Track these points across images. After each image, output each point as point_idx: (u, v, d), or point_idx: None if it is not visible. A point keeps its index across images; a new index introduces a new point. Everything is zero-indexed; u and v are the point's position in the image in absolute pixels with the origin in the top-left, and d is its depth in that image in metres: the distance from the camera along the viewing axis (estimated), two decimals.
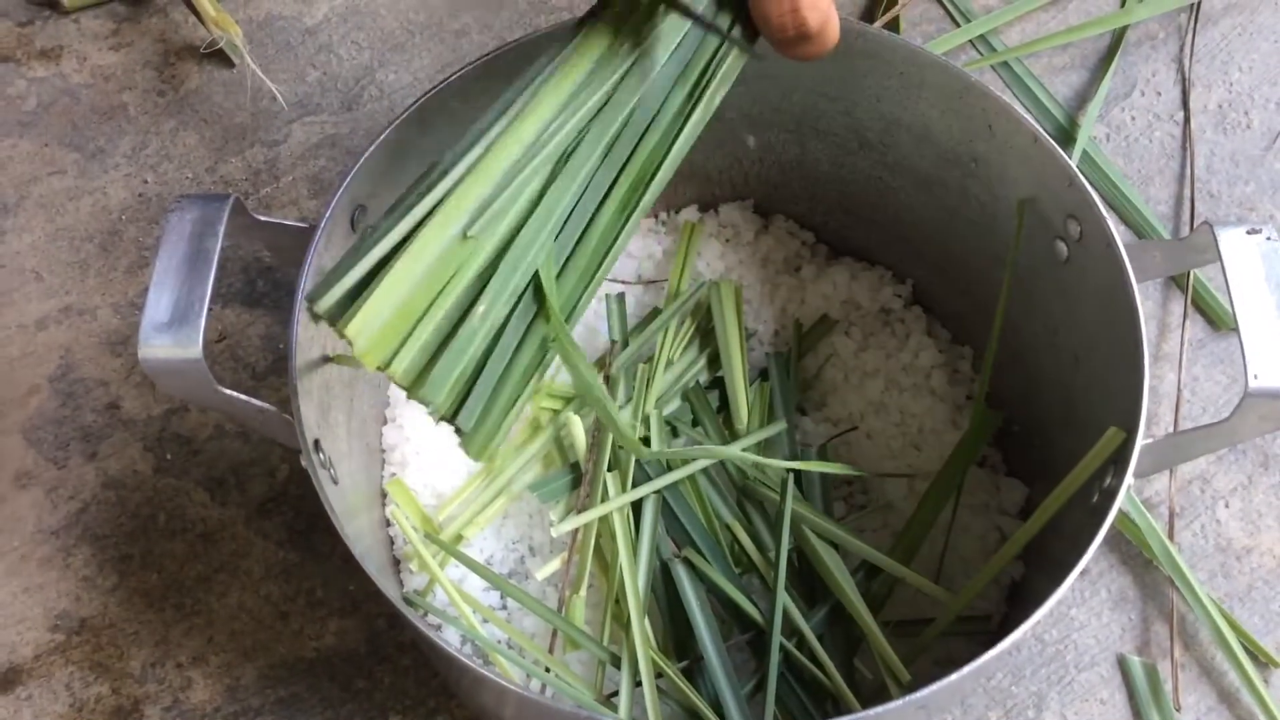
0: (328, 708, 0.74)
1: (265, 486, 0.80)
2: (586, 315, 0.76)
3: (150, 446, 0.81)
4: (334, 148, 0.91)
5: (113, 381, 0.83)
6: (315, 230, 0.65)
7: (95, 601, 0.77)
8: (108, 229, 0.89)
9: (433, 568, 0.68)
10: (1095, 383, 0.68)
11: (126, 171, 0.91)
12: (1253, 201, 0.89)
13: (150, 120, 0.93)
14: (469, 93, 0.71)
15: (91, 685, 0.75)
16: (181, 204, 0.63)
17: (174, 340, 0.59)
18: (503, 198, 0.54)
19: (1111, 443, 0.63)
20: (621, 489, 0.69)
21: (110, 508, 0.80)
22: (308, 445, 0.61)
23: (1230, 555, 0.78)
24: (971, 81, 0.69)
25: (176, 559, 0.78)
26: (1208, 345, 0.84)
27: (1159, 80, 0.94)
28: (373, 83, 0.94)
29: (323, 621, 0.76)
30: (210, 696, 0.74)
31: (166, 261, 0.61)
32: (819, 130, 0.78)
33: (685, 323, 0.78)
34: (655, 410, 0.73)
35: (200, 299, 0.60)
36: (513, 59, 0.71)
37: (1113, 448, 0.63)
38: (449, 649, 0.56)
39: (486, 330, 0.54)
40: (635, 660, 0.65)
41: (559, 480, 0.71)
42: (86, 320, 0.86)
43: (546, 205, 0.55)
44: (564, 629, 0.66)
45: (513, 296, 0.54)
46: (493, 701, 0.63)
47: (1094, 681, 0.75)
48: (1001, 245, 0.74)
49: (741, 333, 0.77)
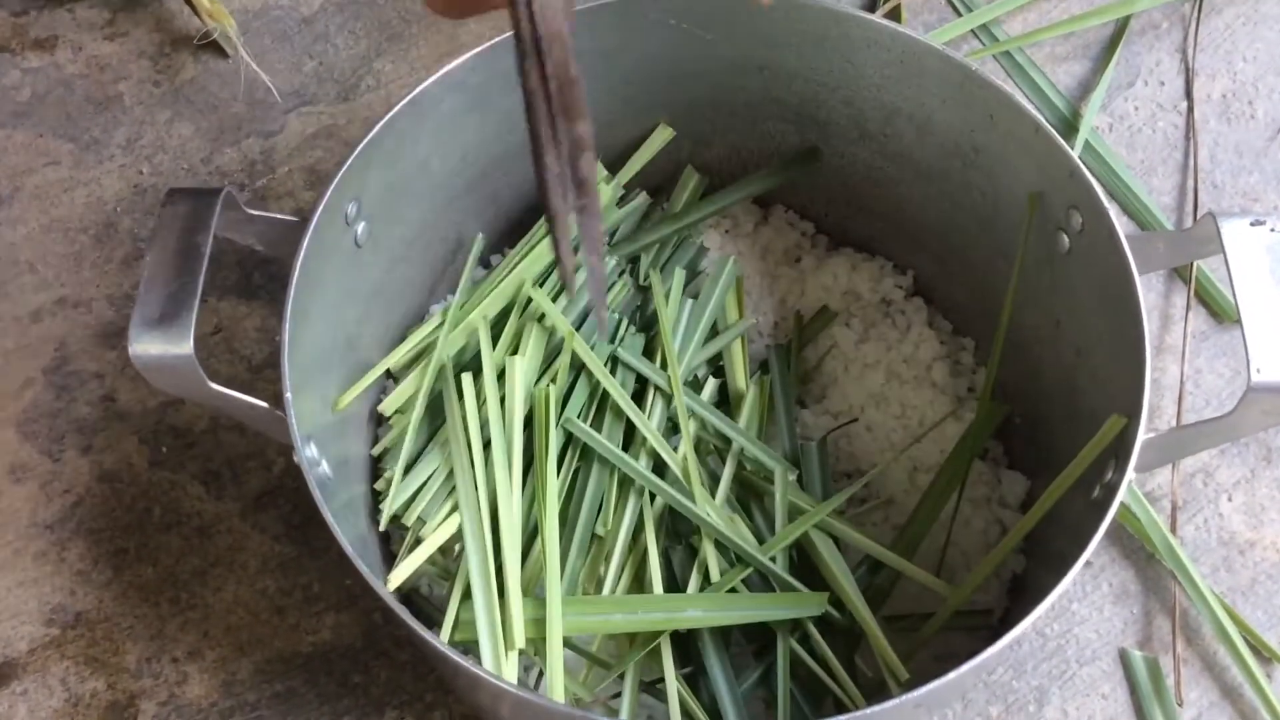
0: (324, 702, 0.74)
1: (261, 480, 0.79)
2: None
3: (145, 439, 0.81)
4: (331, 138, 0.91)
5: (108, 374, 0.83)
6: (307, 224, 0.64)
7: (90, 596, 0.77)
8: (103, 220, 0.88)
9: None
10: (1097, 375, 0.67)
11: (122, 162, 0.90)
12: (1257, 192, 0.88)
13: (145, 111, 0.92)
14: (466, 84, 0.71)
15: (87, 680, 0.74)
16: (173, 198, 0.62)
17: (164, 337, 0.59)
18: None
19: (1112, 429, 0.62)
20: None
21: (105, 501, 0.79)
22: (299, 442, 0.60)
23: (1233, 549, 0.77)
24: (972, 71, 0.69)
25: (172, 553, 0.78)
26: (1211, 337, 0.84)
27: (1162, 70, 0.93)
28: (370, 72, 0.93)
29: (319, 616, 0.76)
30: (206, 691, 0.74)
31: (157, 257, 0.60)
32: (819, 120, 0.77)
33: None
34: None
35: (191, 295, 0.59)
36: (511, 48, 0.71)
37: (1113, 435, 0.62)
38: (443, 648, 0.56)
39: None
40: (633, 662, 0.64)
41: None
42: (81, 312, 0.85)
43: None
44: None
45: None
46: (489, 700, 0.62)
47: (1095, 676, 0.74)
48: (1003, 236, 0.73)
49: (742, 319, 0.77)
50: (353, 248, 0.69)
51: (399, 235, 0.74)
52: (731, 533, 0.68)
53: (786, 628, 0.66)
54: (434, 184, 0.74)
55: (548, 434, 0.68)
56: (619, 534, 0.68)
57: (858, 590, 0.68)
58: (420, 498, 0.68)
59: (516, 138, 0.75)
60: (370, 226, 0.70)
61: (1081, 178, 0.65)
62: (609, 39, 0.73)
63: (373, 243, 0.71)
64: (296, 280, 0.63)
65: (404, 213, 0.73)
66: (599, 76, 0.75)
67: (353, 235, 0.69)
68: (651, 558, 0.67)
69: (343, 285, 0.69)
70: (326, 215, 0.65)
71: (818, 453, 0.74)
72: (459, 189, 0.76)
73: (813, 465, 0.73)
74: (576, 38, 0.45)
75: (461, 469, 0.67)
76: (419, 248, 0.76)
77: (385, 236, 0.72)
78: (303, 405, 0.62)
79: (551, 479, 0.67)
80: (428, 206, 0.75)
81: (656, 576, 0.67)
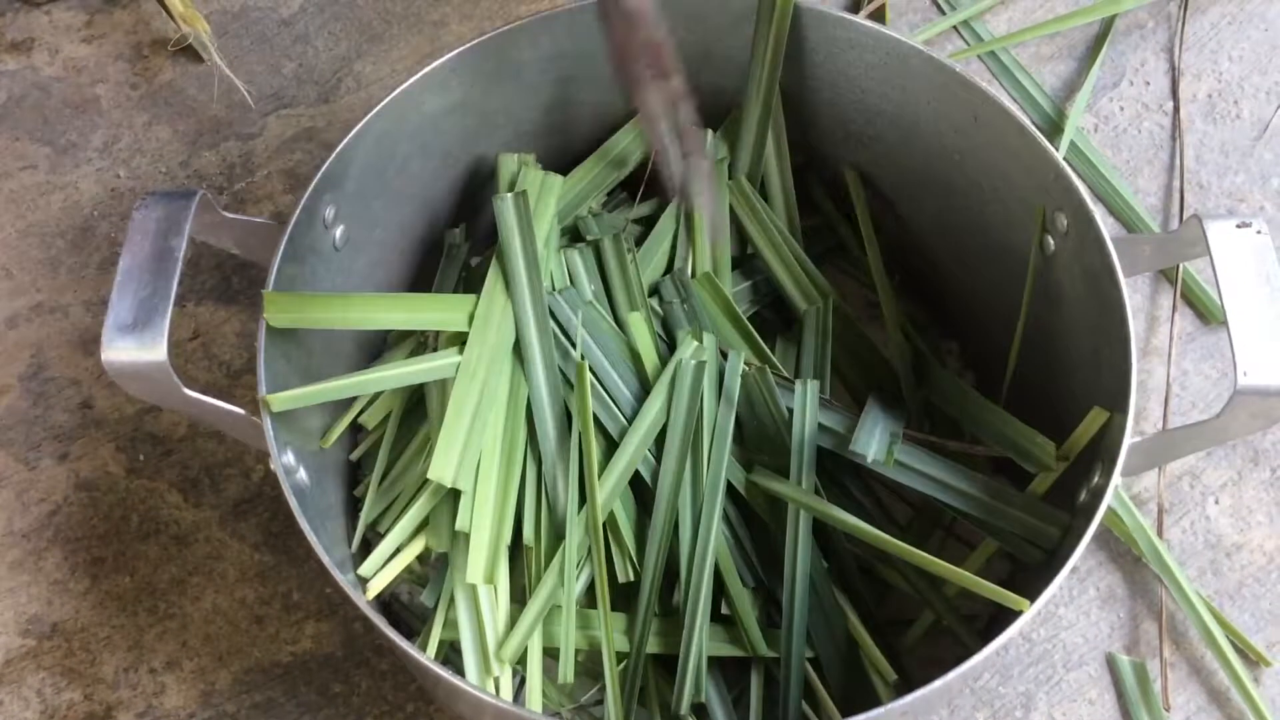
0: (304, 713, 0.73)
1: (240, 487, 0.79)
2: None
3: (123, 447, 0.80)
4: (310, 141, 0.90)
5: (84, 380, 0.82)
6: (284, 228, 0.63)
7: (67, 605, 0.76)
8: (79, 225, 0.87)
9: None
10: (1083, 377, 0.67)
11: (99, 166, 0.89)
12: (1242, 192, 0.88)
13: (123, 114, 0.91)
14: (448, 85, 0.70)
15: (63, 691, 0.73)
16: (146, 201, 0.61)
17: (138, 342, 0.58)
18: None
19: (1095, 422, 0.62)
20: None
21: (82, 509, 0.78)
22: (276, 450, 0.59)
23: (1220, 552, 0.77)
24: (955, 72, 0.68)
25: (150, 562, 0.77)
26: (1197, 339, 0.83)
27: (1148, 70, 0.93)
28: (350, 74, 0.93)
29: (299, 625, 0.75)
30: (184, 702, 0.73)
31: (130, 261, 0.60)
32: (802, 121, 0.77)
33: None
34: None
35: (164, 300, 0.58)
36: (493, 49, 0.70)
37: (1096, 427, 0.62)
38: (423, 659, 0.55)
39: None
40: (617, 670, 0.64)
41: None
42: (58, 318, 0.84)
43: None
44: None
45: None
46: (470, 711, 0.62)
47: (1082, 681, 0.73)
48: (987, 238, 0.72)
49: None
50: (331, 251, 0.68)
51: (378, 238, 0.73)
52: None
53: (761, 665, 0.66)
54: (414, 186, 0.73)
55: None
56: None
57: (846, 599, 0.67)
58: (396, 505, 0.68)
59: (500, 137, 0.76)
60: (349, 230, 0.69)
61: (1067, 180, 0.65)
62: (565, 43, 0.72)
63: (351, 246, 0.70)
64: (273, 284, 0.62)
65: (383, 215, 0.72)
66: (579, 84, 0.74)
67: (331, 239, 0.68)
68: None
69: (321, 289, 0.68)
70: (304, 218, 0.64)
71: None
72: (440, 191, 0.76)
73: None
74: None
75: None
76: (398, 251, 0.75)
77: (364, 239, 0.71)
78: (281, 413, 0.62)
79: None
80: (408, 209, 0.74)
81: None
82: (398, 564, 0.65)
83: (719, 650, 0.65)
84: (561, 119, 0.77)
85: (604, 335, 0.70)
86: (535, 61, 0.72)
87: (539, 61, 0.73)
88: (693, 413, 0.67)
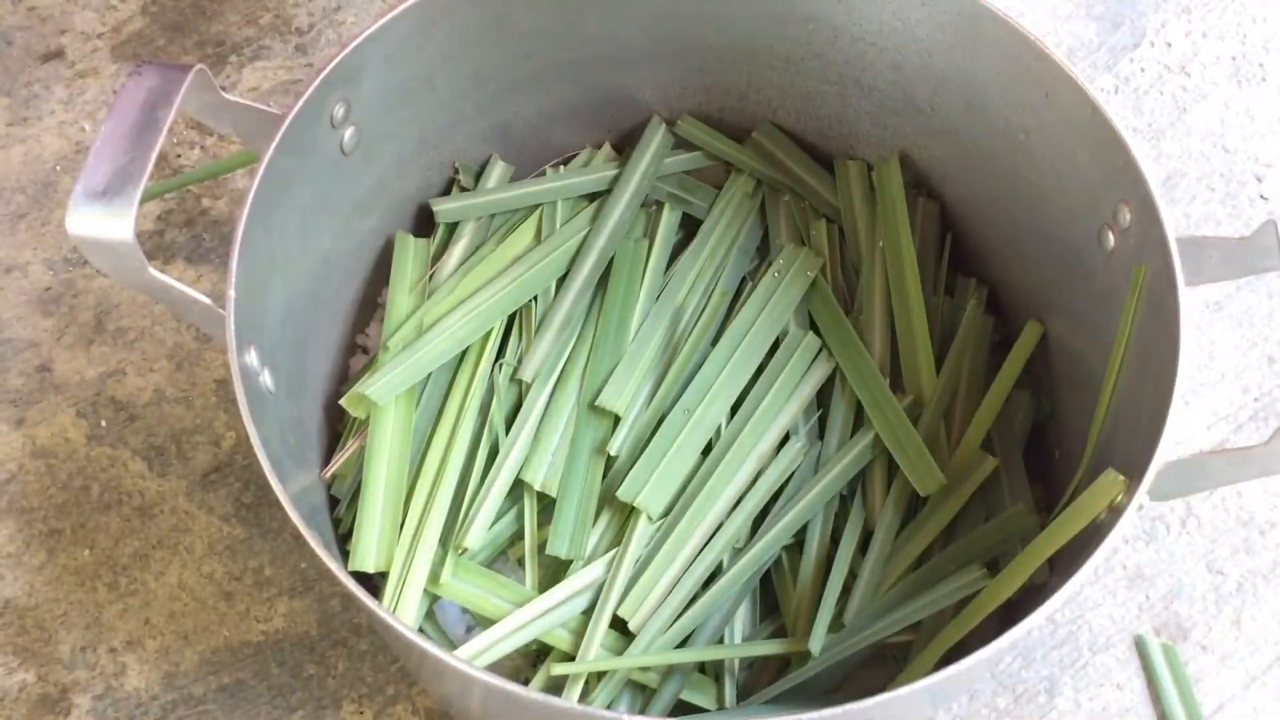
0: (276, 696, 0.68)
1: (209, 456, 0.74)
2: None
3: (84, 412, 0.75)
4: (287, 95, 0.85)
5: (43, 343, 0.77)
6: (284, 118, 0.58)
7: (20, 580, 0.71)
8: (41, 180, 0.82)
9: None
10: (1122, 388, 0.61)
11: (62, 119, 0.84)
12: (1270, 157, 0.84)
13: (88, 65, 0.86)
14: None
15: (15, 672, 0.68)
16: (141, 70, 0.57)
17: (106, 210, 0.53)
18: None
19: (1109, 488, 0.56)
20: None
21: (39, 478, 0.73)
22: (235, 344, 0.55)
23: (1253, 530, 0.73)
24: (1030, 40, 0.62)
25: (111, 534, 0.72)
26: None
27: (1169, 31, 0.89)
28: (331, 25, 0.88)
29: (271, 602, 0.70)
30: (146, 684, 0.68)
31: (112, 128, 0.55)
32: (862, 84, 0.71)
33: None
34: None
35: (141, 169, 0.54)
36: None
37: (1110, 495, 0.56)
38: (411, 635, 0.50)
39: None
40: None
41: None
42: (16, 277, 0.79)
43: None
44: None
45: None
46: (457, 690, 0.57)
47: (1109, 664, 0.69)
48: (1048, 227, 0.67)
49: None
50: (337, 153, 0.64)
51: (393, 151, 0.68)
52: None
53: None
54: (438, 102, 0.69)
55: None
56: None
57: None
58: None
59: (535, 64, 0.71)
60: (360, 134, 0.65)
61: (1135, 169, 0.59)
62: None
63: (362, 152, 0.66)
64: (264, 173, 0.58)
65: (400, 128, 0.68)
66: (628, 10, 0.70)
67: (338, 139, 0.64)
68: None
69: (320, 191, 0.64)
70: (309, 110, 0.60)
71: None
72: (467, 112, 0.71)
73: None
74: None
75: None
76: (415, 169, 0.71)
77: (378, 149, 0.67)
78: (251, 309, 0.57)
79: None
80: (429, 125, 0.70)
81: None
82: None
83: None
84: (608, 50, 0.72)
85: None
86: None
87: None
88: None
